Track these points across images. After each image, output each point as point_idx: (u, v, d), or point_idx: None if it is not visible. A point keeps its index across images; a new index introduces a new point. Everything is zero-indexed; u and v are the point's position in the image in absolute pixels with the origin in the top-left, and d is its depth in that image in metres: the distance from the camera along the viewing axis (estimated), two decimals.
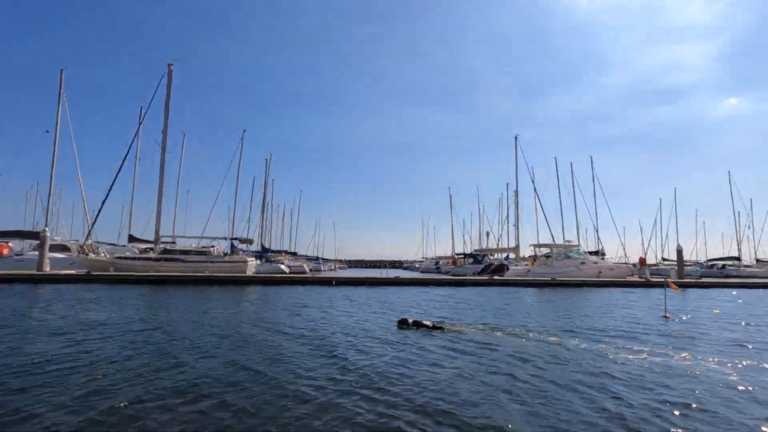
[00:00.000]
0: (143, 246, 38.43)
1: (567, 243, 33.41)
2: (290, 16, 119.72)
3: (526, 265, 35.51)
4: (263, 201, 49.78)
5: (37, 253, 32.50)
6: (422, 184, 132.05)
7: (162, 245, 38.00)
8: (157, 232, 29.59)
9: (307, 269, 49.09)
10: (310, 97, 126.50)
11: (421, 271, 62.43)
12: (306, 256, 62.33)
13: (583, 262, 29.84)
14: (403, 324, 9.62)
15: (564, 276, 27.73)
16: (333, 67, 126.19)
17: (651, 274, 30.09)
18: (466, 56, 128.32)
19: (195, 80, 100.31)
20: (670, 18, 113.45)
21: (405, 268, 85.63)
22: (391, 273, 48.71)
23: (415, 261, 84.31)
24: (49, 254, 31.70)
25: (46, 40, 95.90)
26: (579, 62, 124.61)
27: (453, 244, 67.20)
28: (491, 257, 44.15)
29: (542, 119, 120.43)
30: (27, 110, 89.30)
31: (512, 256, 43.79)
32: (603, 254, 35.89)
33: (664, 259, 53.69)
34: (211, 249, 28.95)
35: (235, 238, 29.02)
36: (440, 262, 66.06)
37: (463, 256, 44.72)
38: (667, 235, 55.60)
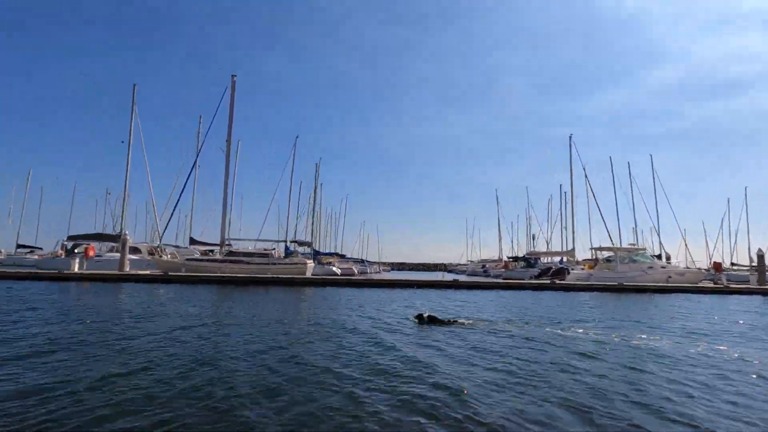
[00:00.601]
0: (203, 248, 40.61)
1: (631, 246, 31.93)
2: (332, 24, 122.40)
3: (583, 269, 34.29)
4: (313, 205, 51.20)
5: (113, 254, 35.22)
6: (463, 187, 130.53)
7: (225, 247, 40.06)
8: (222, 235, 31.20)
9: (355, 271, 49.93)
10: (353, 103, 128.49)
11: (468, 274, 61.60)
12: (353, 258, 63.27)
13: (650, 267, 28.38)
14: (419, 319, 10.20)
15: (631, 281, 26.52)
16: (372, 72, 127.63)
17: (726, 280, 28.16)
18: (506, 56, 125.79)
19: (246, 89, 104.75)
20: (732, 4, 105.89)
21: (449, 272, 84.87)
22: (437, 276, 48.55)
23: (460, 264, 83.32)
24: (115, 256, 34.27)
25: (118, 56, 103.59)
26: (627, 57, 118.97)
27: (500, 247, 66.09)
28: (544, 261, 42.95)
29: (588, 117, 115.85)
30: (94, 123, 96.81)
31: (566, 259, 42.41)
32: (668, 258, 34.00)
33: (733, 264, 50.04)
34: (272, 251, 30.13)
35: (294, 241, 30.09)
36: (487, 265, 65.05)
37: (514, 259, 43.67)
38: (736, 239, 51.81)
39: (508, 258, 46.57)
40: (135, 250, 37.39)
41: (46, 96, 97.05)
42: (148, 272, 28.69)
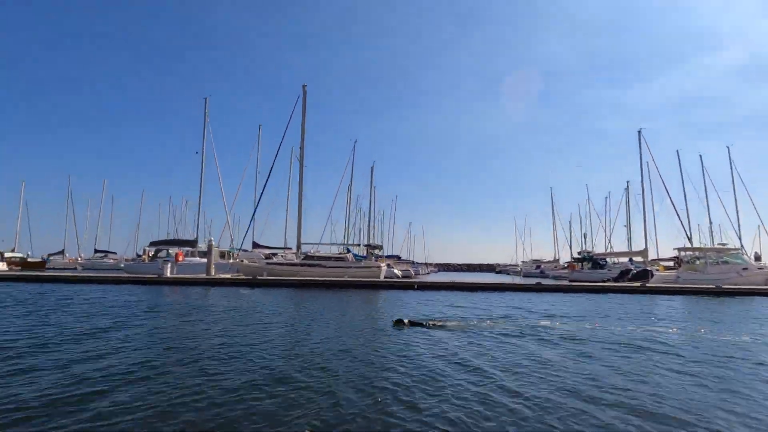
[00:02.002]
0: (267, 251, 42.09)
1: (721, 246, 30.24)
2: (380, 21, 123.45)
3: (657, 270, 32.83)
4: (370, 207, 51.81)
5: (192, 258, 37.05)
6: (508, 185, 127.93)
7: (279, 251, 41.43)
8: (298, 239, 32.26)
9: (412, 273, 50.20)
10: (397, 101, 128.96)
11: (523, 276, 60.40)
12: (405, 260, 63.46)
13: (745, 268, 26.77)
14: (399, 324, 10.52)
15: (726, 283, 25.09)
16: (414, 70, 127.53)
17: None
18: (553, 46, 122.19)
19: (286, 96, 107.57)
20: None
21: (498, 272, 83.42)
22: (481, 277, 47.75)
23: (510, 264, 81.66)
24: (200, 260, 36.11)
25: (187, 68, 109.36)
26: (678, 43, 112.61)
27: (556, 248, 64.28)
28: (613, 261, 41.47)
29: (636, 108, 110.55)
30: (166, 134, 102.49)
31: (637, 259, 40.75)
32: (757, 258, 31.95)
33: None
34: (347, 255, 30.86)
35: (367, 245, 30.66)
36: (542, 266, 63.51)
37: (580, 260, 42.36)
38: None
39: (573, 259, 45.07)
40: (206, 254, 39.33)
41: (117, 107, 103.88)
42: (229, 276, 30.15)
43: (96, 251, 59.09)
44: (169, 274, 28.14)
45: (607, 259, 42.44)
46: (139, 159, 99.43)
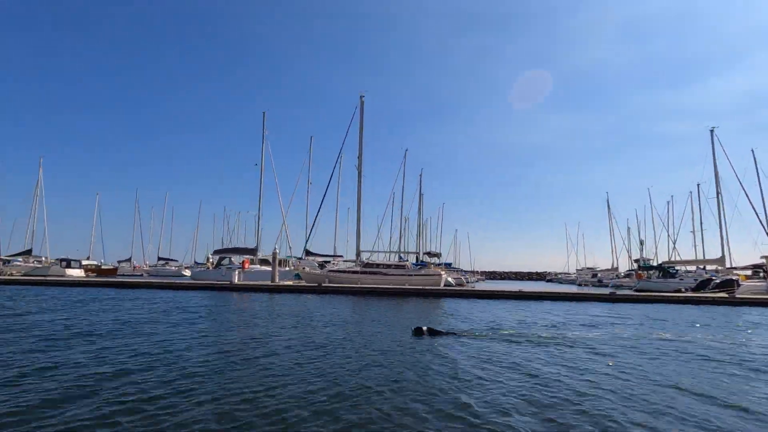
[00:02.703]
0: (320, 259, 42.83)
1: None
2: (422, 36, 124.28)
3: (739, 278, 30.36)
4: (418, 215, 51.65)
5: (255, 266, 38.18)
6: (557, 192, 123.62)
7: (330, 258, 42.03)
8: (357, 247, 32.69)
9: (464, 281, 49.38)
10: (442, 109, 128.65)
11: (578, 284, 57.91)
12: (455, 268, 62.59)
13: None
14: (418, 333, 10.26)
15: None
16: (457, 80, 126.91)
17: None
18: (599, 51, 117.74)
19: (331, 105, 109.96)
20: None
21: (549, 281, 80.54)
22: (529, 286, 45.80)
23: (561, 273, 78.66)
24: (259, 267, 37.25)
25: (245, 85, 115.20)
26: (739, 40, 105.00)
27: (614, 255, 61.18)
28: (685, 270, 38.91)
29: (696, 109, 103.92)
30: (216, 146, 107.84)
31: (710, 268, 38.02)
32: None
33: None
34: (406, 263, 30.87)
35: (427, 253, 30.54)
36: (599, 274, 60.62)
37: (647, 268, 40.04)
38: None
39: (639, 267, 42.67)
40: (264, 261, 40.55)
41: (173, 120, 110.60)
42: (290, 283, 30.94)
43: (159, 259, 62.64)
44: (236, 281, 29.28)
45: (677, 268, 39.82)
46: (195, 170, 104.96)
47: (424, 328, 10.43)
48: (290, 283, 31.07)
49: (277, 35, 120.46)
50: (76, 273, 43.50)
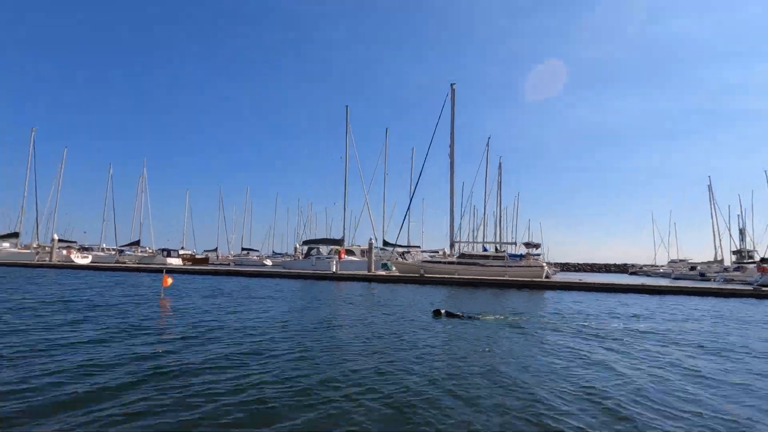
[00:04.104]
0: (400, 249, 42.74)
1: None
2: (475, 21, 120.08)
3: None
4: (498, 205, 49.83)
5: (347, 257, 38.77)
6: (635, 176, 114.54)
7: (412, 249, 41.71)
8: (451, 237, 32.10)
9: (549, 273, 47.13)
10: (496, 99, 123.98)
11: (674, 278, 53.10)
12: None
13: None
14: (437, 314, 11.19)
15: None
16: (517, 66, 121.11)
17: None
18: (677, 25, 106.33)
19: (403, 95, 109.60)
20: None
21: (632, 273, 74.92)
22: (617, 279, 42.33)
23: (648, 265, 72.87)
24: (347, 257, 37.82)
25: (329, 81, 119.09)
26: None
27: (719, 246, 55.34)
28: None
29: None
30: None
31: None
32: None
33: None
34: (504, 254, 29.83)
35: (527, 243, 29.27)
36: (699, 267, 55.24)
37: None
38: None
39: (763, 260, 38.09)
40: (350, 252, 41.21)
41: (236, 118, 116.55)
42: (383, 273, 31.10)
43: (242, 249, 66.30)
44: (334, 270, 30.00)
45: None
46: (270, 164, 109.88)
47: (442, 310, 11.46)
48: (383, 273, 31.28)
49: (340, 28, 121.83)
50: (175, 261, 47.12)
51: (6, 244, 38.72)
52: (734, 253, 56.60)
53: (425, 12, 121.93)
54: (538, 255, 29.52)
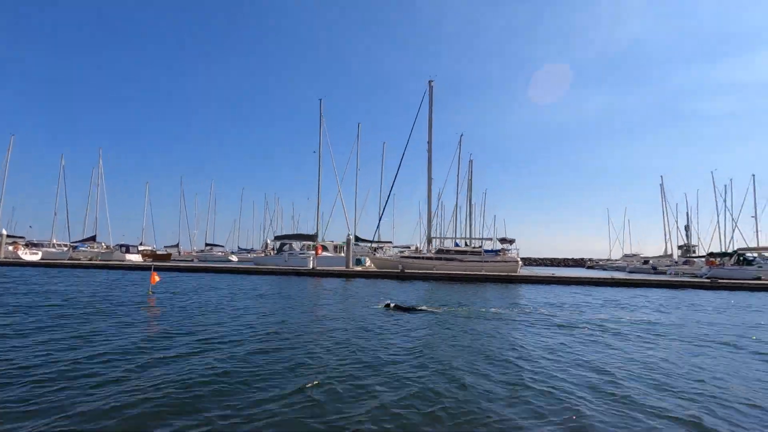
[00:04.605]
0: (373, 245, 42.62)
1: None
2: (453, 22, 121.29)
3: None
4: (468, 202, 50.85)
5: (310, 252, 38.09)
6: (590, 175, 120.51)
7: (383, 245, 41.70)
8: (429, 233, 32.35)
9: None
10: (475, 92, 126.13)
11: (629, 272, 56.46)
12: None
13: None
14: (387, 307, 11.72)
15: None
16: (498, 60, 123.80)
17: None
18: (628, 24, 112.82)
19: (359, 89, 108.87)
20: None
21: (589, 267, 79.00)
22: (575, 272, 44.63)
23: (605, 260, 77.04)
24: (322, 253, 37.19)
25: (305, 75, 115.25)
26: None
27: (670, 241, 59.24)
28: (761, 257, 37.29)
29: (735, 85, 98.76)
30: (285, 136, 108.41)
31: None
32: None
33: None
34: (480, 249, 30.39)
35: (502, 239, 29.98)
36: (651, 261, 59.04)
37: (721, 255, 38.57)
38: None
39: (712, 254, 41.07)
40: (323, 248, 40.54)
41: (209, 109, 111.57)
42: (359, 268, 30.87)
43: (206, 245, 63.70)
44: (312, 266, 29.40)
45: (754, 255, 38.23)
46: (237, 158, 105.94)
47: (392, 303, 12.04)
48: (359, 268, 31.03)
49: (315, 19, 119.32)
50: (134, 258, 44.53)
51: None
52: (679, 247, 61.01)
53: (400, 6, 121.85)
54: (513, 250, 30.35)
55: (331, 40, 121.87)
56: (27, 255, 36.48)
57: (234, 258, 58.53)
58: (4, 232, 35.42)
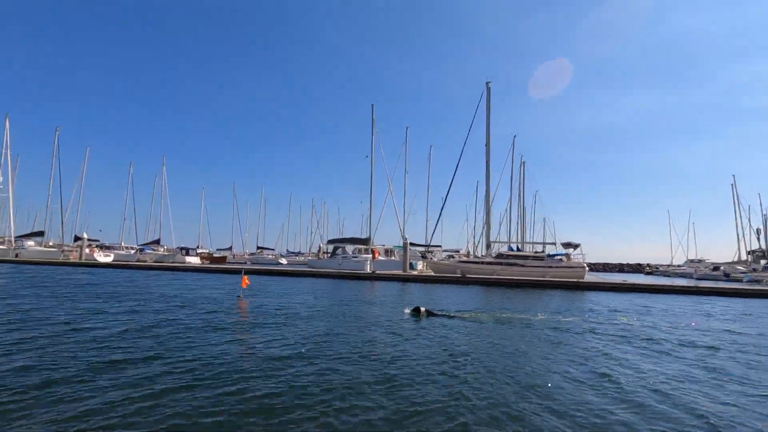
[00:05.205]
0: (420, 249, 42.14)
1: None
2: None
3: None
4: (521, 203, 49.31)
5: (366, 255, 38.29)
6: (645, 177, 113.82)
7: (434, 249, 41.06)
8: (488, 238, 31.51)
9: None
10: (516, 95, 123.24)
11: (697, 278, 52.47)
12: None
13: None
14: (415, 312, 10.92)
15: None
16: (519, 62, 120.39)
17: None
18: (681, 18, 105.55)
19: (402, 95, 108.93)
20: None
21: (648, 273, 74.33)
22: (638, 279, 41.59)
23: (666, 265, 72.33)
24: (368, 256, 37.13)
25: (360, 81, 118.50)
26: None
27: (742, 245, 54.71)
28: None
29: None
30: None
31: None
32: None
33: None
34: (542, 254, 29.25)
35: (567, 243, 28.67)
36: (722, 267, 54.65)
37: None
38: None
39: None
40: (373, 251, 40.51)
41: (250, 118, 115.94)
42: (416, 273, 30.53)
43: (258, 247, 65.75)
44: (368, 270, 29.44)
45: None
46: (285, 163, 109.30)
47: (422, 308, 11.10)
48: (416, 272, 30.69)
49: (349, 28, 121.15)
50: (193, 260, 46.52)
51: (31, 243, 38.23)
52: (749, 253, 56.24)
53: (434, 13, 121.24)
54: (578, 255, 28.89)
55: (370, 48, 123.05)
56: (101, 257, 39.02)
57: (284, 261, 59.97)
58: (86, 236, 38.16)
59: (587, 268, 28.00)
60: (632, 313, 13.45)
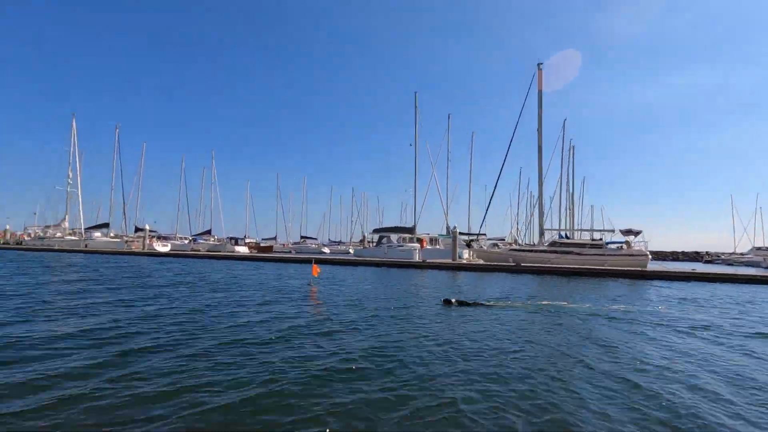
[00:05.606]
0: (466, 238, 41.36)
1: None
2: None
3: None
4: (571, 191, 47.45)
5: (413, 245, 38.13)
6: (699, 159, 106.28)
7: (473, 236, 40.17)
8: (541, 225, 30.53)
9: None
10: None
11: (766, 267, 48.60)
12: None
13: None
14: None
15: None
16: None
17: None
18: None
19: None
20: None
21: (707, 262, 69.64)
22: (699, 267, 38.51)
23: (728, 253, 67.55)
24: (416, 245, 36.95)
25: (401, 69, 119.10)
26: None
27: None
28: None
29: None
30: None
31: None
32: None
33: None
34: (600, 242, 27.99)
35: (627, 230, 27.20)
36: None
37: None
38: None
39: None
40: (418, 240, 40.29)
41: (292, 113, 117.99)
42: (464, 261, 30.10)
43: (301, 237, 67.26)
44: (420, 259, 29.33)
45: None
46: (326, 154, 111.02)
47: (453, 299, 10.79)
48: (465, 261, 30.28)
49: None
50: (242, 249, 48.19)
51: (98, 234, 41.00)
52: None
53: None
54: (640, 242, 27.33)
55: (422, 37, 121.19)
56: (160, 247, 41.25)
57: (326, 249, 60.97)
58: (147, 227, 40.52)
59: (650, 256, 26.45)
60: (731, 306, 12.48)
